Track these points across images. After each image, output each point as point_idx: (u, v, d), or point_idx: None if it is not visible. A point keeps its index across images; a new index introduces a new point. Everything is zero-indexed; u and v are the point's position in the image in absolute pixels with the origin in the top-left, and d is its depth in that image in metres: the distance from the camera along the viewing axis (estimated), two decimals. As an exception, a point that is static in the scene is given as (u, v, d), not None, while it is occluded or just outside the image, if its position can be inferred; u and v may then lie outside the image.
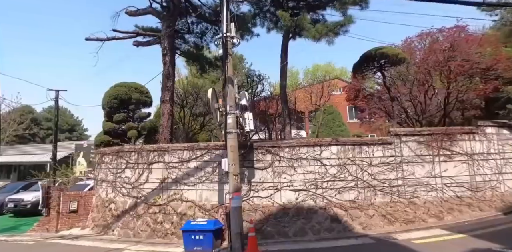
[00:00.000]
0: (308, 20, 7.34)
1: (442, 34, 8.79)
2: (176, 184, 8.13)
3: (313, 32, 7.58)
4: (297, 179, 7.48)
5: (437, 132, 7.81)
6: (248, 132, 7.08)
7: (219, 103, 6.89)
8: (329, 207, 7.30)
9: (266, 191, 7.54)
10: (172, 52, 8.68)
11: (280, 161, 7.60)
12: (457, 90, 8.41)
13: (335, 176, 7.45)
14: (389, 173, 7.52)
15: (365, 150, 7.58)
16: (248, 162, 7.71)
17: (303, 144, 7.58)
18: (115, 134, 12.02)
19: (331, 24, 7.68)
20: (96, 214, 9.61)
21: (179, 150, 8.22)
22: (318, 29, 7.44)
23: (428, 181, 7.59)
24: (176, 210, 7.93)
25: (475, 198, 7.73)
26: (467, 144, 7.99)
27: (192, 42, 11.91)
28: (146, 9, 8.47)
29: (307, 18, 7.31)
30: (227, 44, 7.09)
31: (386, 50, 8.84)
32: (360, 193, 7.41)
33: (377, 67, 9.67)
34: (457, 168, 7.79)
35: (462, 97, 8.72)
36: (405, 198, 7.45)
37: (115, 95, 12.00)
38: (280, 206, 7.38)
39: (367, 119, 11.74)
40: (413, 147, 7.71)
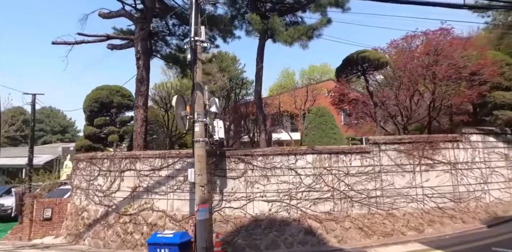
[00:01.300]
0: (279, 23, 7.01)
1: (427, 37, 8.44)
2: (148, 193, 7.84)
3: (284, 36, 7.25)
4: (271, 189, 7.17)
5: (419, 140, 7.46)
6: (217, 140, 6.76)
7: (187, 110, 6.60)
8: (303, 219, 6.97)
9: (239, 201, 7.23)
10: (145, 55, 8.38)
11: (253, 170, 7.28)
12: (441, 95, 8.06)
13: (310, 186, 7.13)
14: (367, 184, 7.19)
15: (342, 159, 7.25)
16: (220, 171, 7.41)
17: (277, 153, 7.26)
18: (96, 139, 11.76)
19: (303, 27, 7.35)
20: (69, 222, 9.34)
21: (151, 157, 7.92)
22: (289, 33, 7.11)
23: (408, 192, 7.25)
24: (146, 220, 7.64)
25: (458, 210, 7.39)
26: (450, 152, 7.64)
27: (174, 44, 11.63)
28: (119, 12, 8.18)
29: (278, 21, 6.98)
30: (196, 48, 6.78)
31: (368, 53, 8.49)
32: (336, 204, 7.08)
33: (360, 71, 9.33)
34: (439, 178, 7.45)
35: (447, 103, 8.37)
36: (383, 209, 7.11)
37: (96, 98, 11.73)
38: (252, 218, 7.07)
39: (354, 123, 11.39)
40: (393, 156, 7.36)
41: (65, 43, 7.81)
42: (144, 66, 8.37)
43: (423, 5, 6.45)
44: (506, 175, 8.12)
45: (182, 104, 6.65)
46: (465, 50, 7.86)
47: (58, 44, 7.75)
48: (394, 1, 6.24)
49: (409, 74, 8.10)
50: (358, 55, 8.62)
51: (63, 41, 7.81)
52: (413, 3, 6.39)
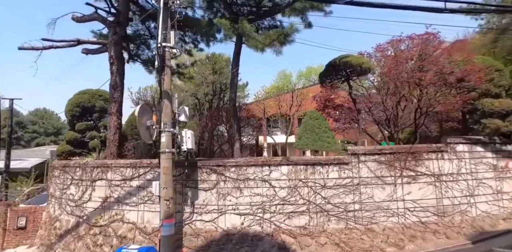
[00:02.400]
0: (250, 28, 6.66)
1: (413, 41, 8.08)
2: (118, 204, 7.55)
3: (255, 42, 6.90)
4: (243, 202, 6.84)
5: (400, 150, 7.09)
6: (185, 151, 6.45)
7: (153, 120, 6.29)
8: (277, 234, 6.64)
9: (210, 214, 6.91)
10: (119, 61, 8.08)
11: (225, 182, 6.97)
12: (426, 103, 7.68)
13: (285, 199, 6.79)
14: (345, 197, 6.83)
15: (319, 170, 6.90)
16: (191, 182, 7.10)
17: (251, 164, 6.93)
18: (77, 144, 11.50)
19: (274, 33, 7.01)
20: (43, 232, 9.07)
21: (122, 167, 7.63)
22: (260, 39, 6.78)
23: (388, 205, 6.88)
24: (116, 233, 7.35)
25: (441, 224, 7.00)
26: (434, 163, 7.26)
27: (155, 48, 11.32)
28: (91, 15, 7.88)
29: (247, 26, 6.63)
30: (164, 54, 6.47)
31: (350, 59, 8.13)
32: (312, 218, 6.74)
33: (344, 77, 8.97)
34: (422, 191, 7.07)
35: (433, 110, 8.00)
36: (362, 224, 6.75)
37: (77, 103, 11.48)
38: (224, 232, 6.75)
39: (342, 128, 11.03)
40: (373, 167, 7.00)
41: (32, 48, 7.53)
42: (118, 71, 8.08)
43: (403, 9, 6.10)
44: (494, 186, 7.73)
45: (148, 113, 6.34)
46: (450, 55, 7.49)
47: (25, 49, 7.47)
48: (372, 5, 5.89)
49: (394, 80, 7.74)
50: (340, 60, 8.26)
51: (30, 46, 7.53)
52: (393, 7, 6.04)
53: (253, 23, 7.41)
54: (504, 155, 7.99)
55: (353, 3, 5.95)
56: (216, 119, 9.74)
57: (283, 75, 34.57)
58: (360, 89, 10.01)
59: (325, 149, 20.59)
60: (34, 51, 7.50)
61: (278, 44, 7.30)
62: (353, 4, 5.79)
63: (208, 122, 10.24)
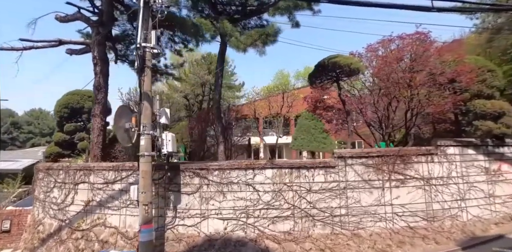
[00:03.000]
0: (230, 27, 6.47)
1: (403, 41, 7.88)
2: (101, 208, 7.39)
3: (236, 42, 6.73)
4: (227, 206, 6.67)
5: (389, 153, 6.89)
6: (165, 154, 6.27)
7: (132, 122, 6.11)
8: (260, 239, 6.46)
9: (193, 218, 6.74)
10: (103, 61, 7.91)
11: (208, 186, 6.79)
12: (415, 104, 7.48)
13: (269, 203, 6.61)
14: (331, 201, 6.65)
15: (304, 174, 6.71)
16: (174, 185, 6.93)
17: (234, 167, 6.75)
18: (66, 145, 11.35)
19: (255, 33, 6.82)
20: (28, 235, 8.93)
21: (105, 170, 7.47)
22: (242, 39, 6.59)
23: (376, 210, 6.69)
24: (98, 237, 7.19)
25: (431, 229, 6.80)
26: (424, 167, 7.06)
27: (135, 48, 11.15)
28: (74, 15, 7.71)
29: (228, 26, 6.45)
30: (144, 55, 6.31)
31: (338, 59, 7.93)
32: (297, 223, 6.55)
33: (334, 77, 8.78)
34: (411, 195, 6.87)
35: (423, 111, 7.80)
36: (348, 229, 6.56)
37: (66, 104, 11.32)
38: (206, 237, 6.57)
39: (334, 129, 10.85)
40: (360, 171, 6.81)
41: (12, 49, 7.36)
42: (101, 72, 7.91)
43: (389, 8, 5.90)
44: (486, 190, 7.52)
45: (127, 115, 6.17)
46: (440, 55, 7.28)
47: (4, 50, 7.30)
48: (357, 4, 5.70)
49: (384, 81, 7.54)
50: (329, 60, 8.07)
51: (10, 47, 7.36)
52: (379, 6, 5.84)
53: (239, 23, 7.24)
54: (496, 158, 7.78)
55: (337, 1, 5.76)
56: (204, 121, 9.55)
57: (280, 75, 34.42)
58: (353, 90, 9.81)
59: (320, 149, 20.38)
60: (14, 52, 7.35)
61: (260, 44, 7.11)
62: (337, 3, 5.60)
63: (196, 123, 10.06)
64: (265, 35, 6.71)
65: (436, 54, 7.24)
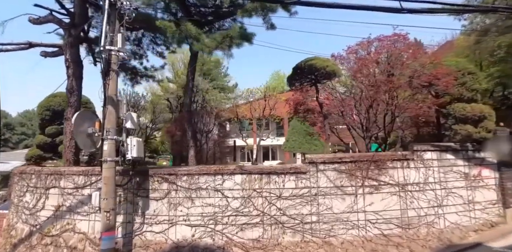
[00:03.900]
0: (195, 30, 6.31)
1: (381, 43, 7.70)
2: (70, 213, 7.26)
3: (200, 45, 6.59)
4: (195, 212, 6.52)
5: (362, 159, 6.72)
6: (130, 160, 6.13)
7: (95, 127, 5.98)
8: (228, 247, 6.30)
9: (161, 225, 6.59)
10: (75, 64, 7.79)
11: (177, 191, 6.65)
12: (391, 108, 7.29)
13: (238, 210, 6.45)
14: (302, 208, 6.48)
15: (275, 180, 6.55)
16: (143, 191, 6.79)
17: (203, 172, 6.60)
18: (48, 148, 11.24)
19: (219, 35, 6.65)
20: (1, 240, 8.82)
21: (75, 174, 7.34)
22: (207, 42, 6.44)
23: (348, 217, 6.51)
24: (67, 243, 7.06)
25: (405, 237, 6.61)
26: (399, 172, 6.87)
27: (129, 50, 11.05)
28: (46, 17, 7.61)
29: (192, 29, 6.29)
30: (110, 58, 6.16)
31: (315, 61, 7.77)
32: (266, 230, 6.39)
33: (313, 80, 8.61)
34: (385, 201, 6.69)
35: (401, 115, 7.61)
36: (319, 237, 6.39)
37: (48, 106, 11.20)
38: (174, 244, 6.43)
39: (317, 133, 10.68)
40: (333, 177, 6.63)
41: (-20, 51, 7.31)
42: (74, 75, 7.80)
43: (359, 9, 5.74)
44: (465, 196, 7.31)
45: (89, 120, 6.03)
46: (416, 58, 7.09)
47: (-27, 52, 7.25)
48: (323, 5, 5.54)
49: (360, 84, 7.37)
50: (305, 63, 7.91)
51: (-22, 49, 7.31)
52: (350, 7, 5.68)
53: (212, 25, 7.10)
54: (477, 163, 7.57)
55: (305, 3, 5.60)
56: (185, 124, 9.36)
57: (276, 75, 34.25)
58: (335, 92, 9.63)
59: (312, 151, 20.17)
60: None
61: (226, 47, 6.96)
62: (302, 4, 5.44)
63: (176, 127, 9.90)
64: (229, 38, 6.55)
65: (412, 56, 7.06)
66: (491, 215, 7.48)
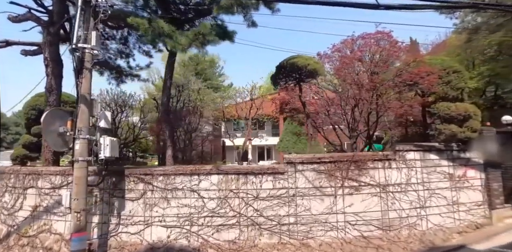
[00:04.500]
0: (167, 28, 6.18)
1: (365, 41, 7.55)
2: (47, 214, 7.17)
3: (172, 43, 6.47)
4: (171, 213, 6.40)
5: (342, 159, 6.57)
6: (102, 159, 6.02)
7: (67, 126, 5.87)
8: (204, 248, 6.18)
9: (136, 226, 6.48)
10: (55, 63, 7.71)
11: (153, 192, 6.53)
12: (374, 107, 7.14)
13: (214, 211, 6.33)
14: (279, 209, 6.34)
15: (252, 180, 6.42)
16: (119, 191, 6.68)
17: (179, 172, 6.48)
18: (34, 148, 11.13)
19: (191, 33, 6.52)
20: (-18, 240, 8.74)
21: (52, 174, 7.25)
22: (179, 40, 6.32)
23: (327, 219, 6.37)
24: (43, 244, 6.96)
25: (386, 239, 6.47)
26: (380, 173, 6.72)
27: (115, 49, 10.95)
28: (25, 15, 7.53)
29: (164, 26, 6.16)
30: (83, 56, 6.05)
31: (297, 60, 7.64)
32: (243, 232, 6.26)
33: (296, 79, 8.47)
34: (365, 203, 6.55)
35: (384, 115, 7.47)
36: (297, 239, 6.25)
37: (33, 105, 11.07)
38: (149, 245, 6.31)
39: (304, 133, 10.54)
40: (311, 177, 6.50)
41: (-46, 50, 7.22)
42: (53, 74, 7.70)
43: (334, 5, 5.61)
44: (450, 197, 7.15)
45: (61, 119, 5.92)
46: (397, 56, 6.95)
47: None
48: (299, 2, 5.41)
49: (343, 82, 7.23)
50: (288, 61, 7.77)
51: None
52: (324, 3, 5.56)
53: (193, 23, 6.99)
54: (462, 163, 7.41)
55: None
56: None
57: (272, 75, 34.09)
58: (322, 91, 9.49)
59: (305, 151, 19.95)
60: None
61: (199, 45, 6.82)
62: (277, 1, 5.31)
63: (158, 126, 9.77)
64: (202, 35, 6.42)
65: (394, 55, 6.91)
66: (476, 217, 7.33)
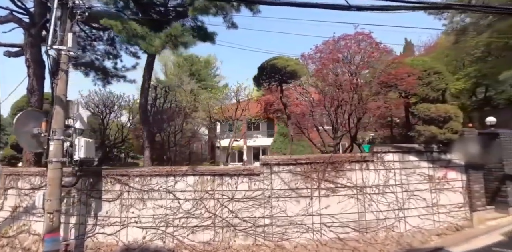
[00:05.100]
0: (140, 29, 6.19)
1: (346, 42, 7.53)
2: (26, 214, 7.20)
3: (145, 44, 6.50)
4: (146, 214, 6.41)
5: (318, 160, 6.56)
6: (76, 161, 6.04)
7: (42, 127, 5.90)
8: (178, 250, 6.18)
9: (113, 227, 6.50)
10: (36, 64, 7.76)
11: (129, 193, 6.55)
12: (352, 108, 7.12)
13: (190, 212, 6.33)
14: (255, 210, 6.33)
15: (227, 181, 6.42)
16: (96, 192, 6.70)
17: (155, 173, 6.50)
18: (21, 149, 11.24)
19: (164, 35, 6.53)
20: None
21: (31, 175, 7.29)
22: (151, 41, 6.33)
23: (303, 220, 6.35)
24: (22, 244, 6.99)
25: (362, 241, 6.43)
26: (357, 174, 6.70)
27: (102, 50, 11.00)
28: (7, 17, 7.61)
29: (137, 27, 6.17)
30: (59, 58, 6.08)
31: (277, 61, 7.64)
32: (218, 233, 6.26)
33: (278, 80, 8.47)
34: (342, 204, 6.52)
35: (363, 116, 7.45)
36: (271, 240, 6.24)
37: (21, 106, 11.18)
38: (124, 246, 6.33)
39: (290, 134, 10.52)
40: (287, 179, 6.48)
41: None
42: (35, 75, 7.75)
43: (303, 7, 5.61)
44: (429, 199, 7.11)
45: (35, 120, 5.95)
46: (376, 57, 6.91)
47: None
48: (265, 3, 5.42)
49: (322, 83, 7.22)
50: (268, 63, 7.78)
51: None
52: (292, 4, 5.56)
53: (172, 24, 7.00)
54: (442, 165, 7.36)
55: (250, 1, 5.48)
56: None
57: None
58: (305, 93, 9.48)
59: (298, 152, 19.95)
60: None
61: (171, 46, 6.84)
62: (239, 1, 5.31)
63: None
64: (174, 37, 6.42)
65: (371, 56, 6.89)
66: (456, 219, 7.27)
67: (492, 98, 12.31)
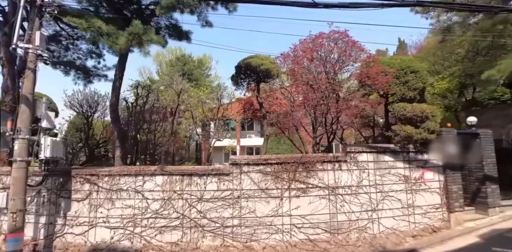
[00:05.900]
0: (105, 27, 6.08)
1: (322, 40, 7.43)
2: (-2, 214, 7.17)
3: (109, 42, 6.42)
4: (115, 214, 6.35)
5: (289, 160, 6.46)
6: (42, 160, 6.00)
7: (7, 126, 5.85)
8: (146, 250, 6.12)
9: (81, 227, 6.44)
10: (10, 63, 7.75)
11: (98, 192, 6.49)
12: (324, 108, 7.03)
13: (158, 212, 6.26)
14: (223, 211, 6.26)
15: (196, 181, 6.34)
16: (65, 192, 6.65)
17: (124, 173, 6.44)
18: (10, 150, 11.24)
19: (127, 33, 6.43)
20: None
21: (3, 174, 7.27)
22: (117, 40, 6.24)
23: (272, 221, 6.27)
24: (-7, 244, 6.97)
25: (333, 242, 6.34)
26: (330, 175, 6.60)
27: (85, 49, 10.94)
28: (-19, 15, 7.62)
29: (102, 25, 6.10)
30: (26, 56, 6.03)
31: (251, 60, 7.54)
32: (186, 234, 6.19)
33: (256, 79, 8.38)
34: (313, 205, 6.43)
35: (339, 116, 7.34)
36: (240, 241, 6.16)
37: (4, 106, 11.25)
38: (92, 246, 6.27)
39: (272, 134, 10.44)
40: (257, 179, 6.39)
41: None
42: (9, 74, 7.72)
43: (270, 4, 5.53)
44: (404, 200, 6.99)
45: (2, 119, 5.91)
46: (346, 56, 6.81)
47: None
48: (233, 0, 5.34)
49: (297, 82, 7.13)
50: (243, 61, 7.69)
51: None
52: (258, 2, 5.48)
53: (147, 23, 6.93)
54: (419, 165, 7.25)
55: None
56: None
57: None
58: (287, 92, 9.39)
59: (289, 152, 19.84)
60: None
61: (136, 45, 6.78)
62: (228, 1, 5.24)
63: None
64: (137, 35, 6.35)
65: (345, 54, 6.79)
66: (433, 220, 7.16)
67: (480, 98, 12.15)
